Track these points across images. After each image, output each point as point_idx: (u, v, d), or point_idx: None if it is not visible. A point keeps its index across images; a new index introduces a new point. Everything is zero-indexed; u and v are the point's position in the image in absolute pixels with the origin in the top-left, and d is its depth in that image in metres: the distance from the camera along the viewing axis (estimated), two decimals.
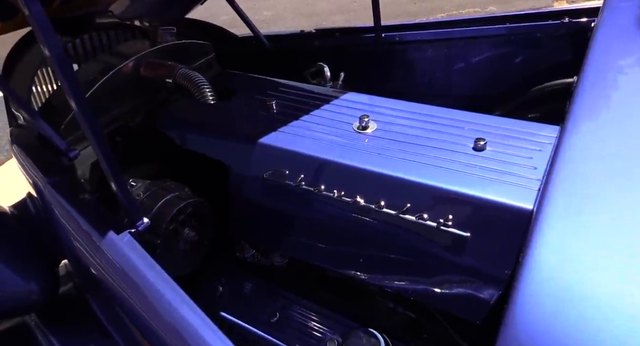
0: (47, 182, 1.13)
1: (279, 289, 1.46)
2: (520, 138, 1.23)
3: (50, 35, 0.79)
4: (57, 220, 1.15)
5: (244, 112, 1.49)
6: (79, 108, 0.85)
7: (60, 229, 1.13)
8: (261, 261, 1.50)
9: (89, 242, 0.98)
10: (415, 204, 1.12)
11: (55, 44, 0.80)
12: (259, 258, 1.49)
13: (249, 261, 1.50)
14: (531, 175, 1.09)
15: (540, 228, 0.74)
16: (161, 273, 0.90)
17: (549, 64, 1.88)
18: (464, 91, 2.04)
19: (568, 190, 0.82)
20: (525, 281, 0.68)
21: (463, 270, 1.10)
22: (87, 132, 0.88)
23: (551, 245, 0.73)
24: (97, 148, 0.90)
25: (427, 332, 1.36)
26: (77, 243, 1.05)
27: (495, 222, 1.04)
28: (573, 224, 0.76)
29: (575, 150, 0.95)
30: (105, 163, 0.92)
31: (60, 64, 0.81)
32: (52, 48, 0.80)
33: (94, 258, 0.98)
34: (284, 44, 2.08)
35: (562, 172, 0.86)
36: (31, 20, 0.79)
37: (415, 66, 2.03)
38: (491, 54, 1.95)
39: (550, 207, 0.78)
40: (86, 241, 1.00)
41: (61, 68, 0.82)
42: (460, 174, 1.12)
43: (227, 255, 1.55)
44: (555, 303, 0.69)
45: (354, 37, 1.99)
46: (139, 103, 1.70)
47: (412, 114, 1.39)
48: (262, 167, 1.32)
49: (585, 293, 0.67)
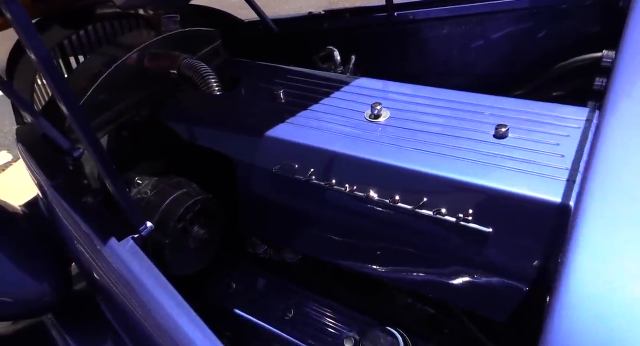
0: (50, 185, 1.10)
1: (293, 286, 1.42)
2: (545, 123, 1.14)
3: (34, 38, 0.73)
4: (60, 223, 1.12)
5: (250, 103, 1.43)
6: (69, 112, 0.80)
7: (64, 232, 1.10)
8: (274, 257, 1.45)
9: (92, 247, 0.95)
10: (432, 198, 1.05)
11: (40, 47, 0.75)
12: (272, 254, 1.45)
13: (261, 257, 1.46)
14: (559, 165, 1.00)
15: (581, 226, 0.66)
16: (163, 282, 0.87)
17: (575, 38, 1.76)
18: (483, 71, 1.93)
19: (611, 184, 0.73)
20: (567, 285, 0.61)
21: (485, 268, 1.03)
22: (80, 135, 0.84)
23: (594, 245, 0.65)
24: (92, 150, 0.85)
25: (447, 328, 1.31)
26: (80, 247, 1.03)
27: (519, 217, 0.96)
28: (618, 222, 0.68)
29: (617, 137, 0.85)
30: (102, 166, 0.87)
31: (47, 66, 0.76)
32: (37, 51, 0.75)
33: (97, 264, 0.95)
34: (292, 28, 1.99)
35: (603, 163, 0.77)
36: (13, 23, 0.73)
37: (430, 46, 1.93)
38: (512, 30, 1.83)
39: (591, 203, 0.70)
40: (89, 246, 0.97)
41: (48, 71, 0.76)
42: (481, 165, 1.04)
43: (238, 251, 1.51)
44: (600, 307, 0.61)
45: (365, 17, 1.89)
46: (145, 97, 1.65)
47: (428, 100, 1.30)
48: (271, 160, 1.26)
49: (632, 298, 0.60)
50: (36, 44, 0.75)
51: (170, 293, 0.85)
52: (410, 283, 1.18)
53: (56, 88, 0.78)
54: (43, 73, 0.78)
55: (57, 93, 0.79)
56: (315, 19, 1.96)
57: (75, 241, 1.05)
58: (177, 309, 0.81)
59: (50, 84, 0.80)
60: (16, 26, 0.73)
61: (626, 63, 0.96)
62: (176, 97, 1.55)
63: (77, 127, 0.82)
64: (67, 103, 0.79)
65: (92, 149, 0.84)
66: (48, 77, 0.78)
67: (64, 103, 0.80)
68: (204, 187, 1.40)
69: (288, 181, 1.24)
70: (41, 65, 0.76)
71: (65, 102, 0.79)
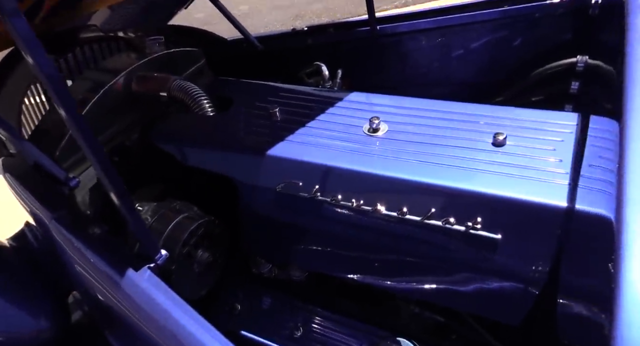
0: (52, 217, 1.06)
1: (299, 303, 1.42)
2: (538, 129, 1.19)
3: (40, 53, 0.72)
4: (64, 255, 1.09)
5: (246, 122, 1.43)
6: (80, 134, 0.78)
7: (68, 264, 1.07)
8: (279, 276, 1.45)
9: (105, 279, 0.92)
10: (440, 208, 1.08)
11: (45, 62, 0.73)
12: (276, 272, 1.44)
13: (265, 277, 1.45)
14: (558, 169, 1.05)
15: (631, 237, 0.68)
16: (188, 309, 0.85)
17: (549, 45, 1.84)
18: (464, 79, 2.00)
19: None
20: (628, 297, 0.62)
21: (495, 273, 1.06)
22: (92, 162, 0.82)
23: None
24: (106, 179, 0.83)
25: (454, 334, 1.33)
26: (90, 279, 1.00)
27: (527, 222, 1.00)
28: None
29: None
30: (115, 195, 0.86)
31: (53, 83, 0.74)
32: (43, 67, 0.73)
33: (112, 296, 0.92)
34: (276, 45, 2.01)
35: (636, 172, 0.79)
36: (16, 37, 0.72)
37: (412, 57, 1.98)
38: (488, 39, 1.91)
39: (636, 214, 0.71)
40: (101, 278, 0.95)
41: (55, 89, 0.75)
42: (484, 173, 1.08)
43: (242, 272, 1.50)
44: None
45: (348, 32, 1.93)
46: (134, 120, 1.63)
47: (422, 111, 1.34)
48: (274, 179, 1.26)
49: None
50: (42, 60, 0.73)
51: (199, 320, 0.84)
52: (421, 294, 1.19)
53: (64, 107, 0.77)
54: (49, 89, 0.76)
55: (65, 113, 0.78)
56: (299, 35, 1.98)
57: (83, 273, 1.02)
58: (207, 334, 0.81)
59: (56, 101, 0.78)
60: (18, 40, 0.72)
61: (634, 71, 1.00)
62: (168, 119, 1.53)
63: (90, 153, 0.81)
64: (76, 123, 0.78)
65: (106, 177, 0.83)
66: (54, 94, 0.76)
67: (73, 124, 0.78)
68: (203, 209, 1.38)
69: (292, 198, 1.25)
70: (46, 81, 0.74)
71: (75, 125, 0.78)
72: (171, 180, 1.54)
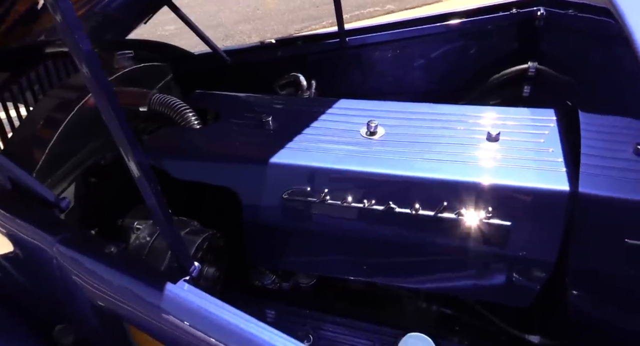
0: (56, 240, 0.97)
1: (306, 311, 1.40)
2: (524, 125, 1.30)
3: (77, 29, 0.68)
4: (67, 282, 0.99)
5: (240, 133, 1.41)
6: (122, 134, 0.75)
7: (78, 289, 0.97)
8: (282, 286, 1.43)
9: (138, 297, 0.86)
10: (451, 202, 1.13)
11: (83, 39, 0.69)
12: (280, 283, 1.42)
13: (268, 288, 1.43)
14: (551, 158, 1.15)
15: None
16: (242, 314, 0.83)
17: (502, 54, 2.01)
18: (427, 87, 2.12)
19: None
20: None
21: (508, 259, 1.13)
22: (136, 171, 0.79)
23: None
24: (149, 193, 0.80)
25: (461, 324, 1.39)
26: (112, 300, 0.92)
27: (534, 207, 1.08)
28: None
29: None
30: (158, 207, 0.82)
31: (91, 64, 0.70)
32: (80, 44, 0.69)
33: (147, 315, 0.86)
34: (245, 58, 2.00)
35: None
36: (59, 21, 0.68)
37: (378, 67, 2.07)
38: (447, 49, 2.05)
39: None
40: (132, 297, 0.88)
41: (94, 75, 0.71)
42: (487, 166, 1.15)
43: (243, 285, 1.46)
44: None
45: (317, 44, 1.98)
46: (109, 138, 1.54)
47: (413, 114, 1.41)
48: (279, 187, 1.26)
49: None
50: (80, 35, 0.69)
51: (258, 323, 0.83)
52: (435, 287, 1.24)
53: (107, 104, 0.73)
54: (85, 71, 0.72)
55: (107, 111, 0.74)
56: (267, 48, 1.99)
57: (102, 296, 0.94)
58: (267, 332, 0.81)
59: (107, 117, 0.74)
60: (63, 25, 0.68)
61: None
62: (154, 134, 1.47)
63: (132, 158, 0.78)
64: (121, 124, 0.74)
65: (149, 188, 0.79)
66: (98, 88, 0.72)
67: (116, 121, 0.75)
68: (201, 223, 1.33)
69: (300, 204, 1.25)
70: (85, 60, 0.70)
71: (119, 122, 0.74)
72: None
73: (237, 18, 6.46)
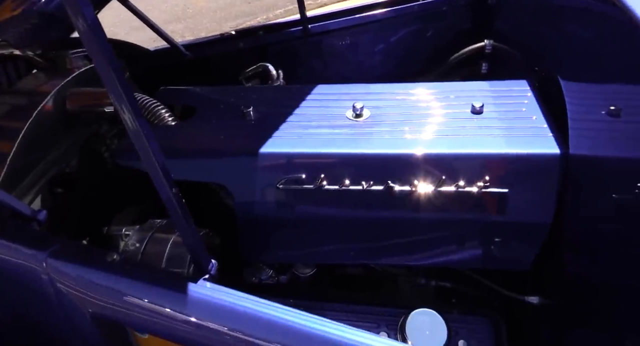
0: (47, 255, 0.87)
1: (307, 302, 1.37)
2: (502, 96, 1.34)
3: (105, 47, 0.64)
4: (67, 296, 0.89)
5: (220, 126, 1.34)
6: (143, 137, 0.70)
7: (75, 304, 0.88)
8: (280, 280, 1.39)
9: (153, 305, 0.79)
10: (449, 175, 1.15)
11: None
12: (277, 276, 1.38)
13: (266, 284, 1.38)
14: (536, 124, 1.20)
15: None
16: (270, 303, 0.80)
17: (458, 33, 2.08)
18: (389, 70, 2.14)
19: None
20: None
21: (506, 226, 1.17)
22: (157, 180, 0.73)
23: None
24: (165, 188, 0.74)
25: (464, 295, 1.42)
26: (119, 311, 0.84)
27: (529, 172, 1.12)
28: None
29: None
30: (177, 205, 0.76)
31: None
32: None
33: (166, 320, 0.79)
34: (205, 52, 1.92)
35: None
36: (82, 30, 0.64)
37: (341, 54, 2.06)
38: (406, 32, 2.08)
39: None
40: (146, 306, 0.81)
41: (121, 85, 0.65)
42: (478, 137, 1.18)
43: (239, 284, 1.40)
44: None
45: (280, 33, 1.94)
46: (72, 144, 1.43)
47: (393, 94, 1.41)
48: (272, 177, 1.22)
49: None
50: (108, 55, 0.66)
51: (289, 310, 0.82)
52: (437, 262, 1.25)
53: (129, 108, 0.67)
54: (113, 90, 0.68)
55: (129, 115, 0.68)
56: (228, 40, 1.92)
57: (103, 305, 0.85)
58: (303, 316, 0.82)
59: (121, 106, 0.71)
60: (87, 34, 0.63)
61: None
62: (127, 135, 1.37)
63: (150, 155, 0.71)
64: (143, 128, 0.69)
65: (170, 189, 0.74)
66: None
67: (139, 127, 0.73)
68: None
69: (297, 193, 1.22)
70: None
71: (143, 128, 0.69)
72: (146, 199, 1.38)
73: (167, 17, 6.16)
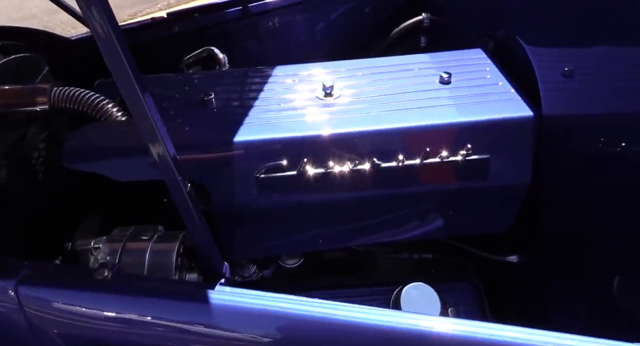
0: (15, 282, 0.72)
1: (297, 293, 1.32)
2: (464, 65, 1.36)
3: None
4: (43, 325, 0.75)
5: (182, 117, 1.22)
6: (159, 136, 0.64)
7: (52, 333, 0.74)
8: (264, 274, 1.32)
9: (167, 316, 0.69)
10: (432, 147, 1.15)
11: None
12: (261, 271, 1.31)
13: (251, 280, 1.31)
14: (504, 89, 1.23)
15: None
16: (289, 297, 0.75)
17: (396, 8, 2.09)
18: (332, 48, 2.11)
19: None
20: None
21: (487, 190, 1.20)
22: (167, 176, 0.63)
23: None
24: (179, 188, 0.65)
25: (444, 264, 1.45)
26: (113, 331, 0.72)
27: (506, 136, 1.16)
28: None
29: None
30: (192, 208, 0.66)
31: None
32: None
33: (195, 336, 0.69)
34: (135, 38, 1.73)
35: None
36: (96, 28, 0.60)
37: (282, 34, 1.98)
38: (346, 9, 2.05)
39: None
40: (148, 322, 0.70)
41: None
42: (453, 107, 1.19)
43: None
44: None
45: (217, 14, 1.80)
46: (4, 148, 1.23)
47: (358, 70, 1.37)
48: (251, 167, 1.13)
49: None
50: None
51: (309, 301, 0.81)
52: (422, 234, 1.26)
53: None
54: None
55: None
56: (161, 24, 1.75)
57: (96, 327, 0.73)
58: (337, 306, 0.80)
59: None
60: None
61: None
62: (73, 135, 1.19)
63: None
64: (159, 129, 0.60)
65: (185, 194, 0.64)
66: None
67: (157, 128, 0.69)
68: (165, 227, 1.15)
69: (278, 180, 1.15)
70: None
71: None
72: (107, 205, 1.22)
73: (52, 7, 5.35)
